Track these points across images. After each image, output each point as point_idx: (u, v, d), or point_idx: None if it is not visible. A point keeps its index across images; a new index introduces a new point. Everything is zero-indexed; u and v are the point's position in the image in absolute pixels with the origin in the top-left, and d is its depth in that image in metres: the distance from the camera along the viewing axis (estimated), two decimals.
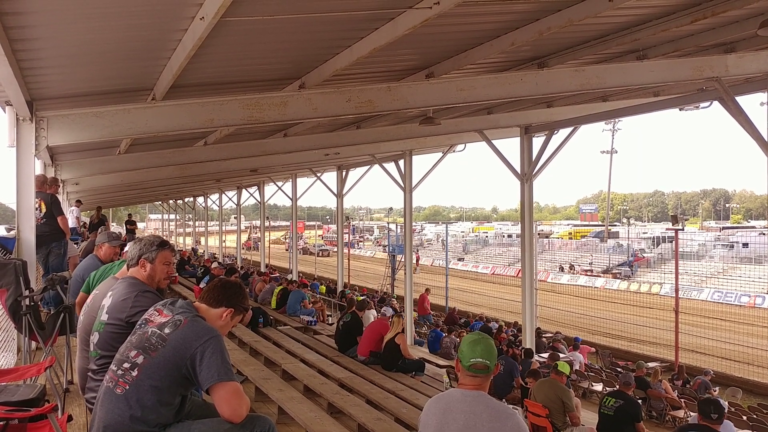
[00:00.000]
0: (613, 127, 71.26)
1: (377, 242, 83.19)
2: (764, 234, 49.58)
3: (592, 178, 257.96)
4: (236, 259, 37.79)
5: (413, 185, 18.89)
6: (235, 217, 47.30)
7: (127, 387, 2.75)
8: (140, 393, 2.73)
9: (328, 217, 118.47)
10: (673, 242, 31.10)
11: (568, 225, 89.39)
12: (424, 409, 3.15)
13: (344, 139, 15.89)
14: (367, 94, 8.38)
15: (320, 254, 59.77)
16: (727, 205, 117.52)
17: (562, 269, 53.38)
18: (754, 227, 69.87)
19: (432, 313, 26.91)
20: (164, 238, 4.14)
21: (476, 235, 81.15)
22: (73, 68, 7.40)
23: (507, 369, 11.29)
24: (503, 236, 74.02)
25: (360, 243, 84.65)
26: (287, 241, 67.70)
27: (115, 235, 5.98)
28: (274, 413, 6.56)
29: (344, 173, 24.33)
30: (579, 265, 53.80)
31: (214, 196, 42.26)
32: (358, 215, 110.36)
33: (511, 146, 15.73)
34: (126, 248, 5.88)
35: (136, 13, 5.73)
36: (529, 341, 14.80)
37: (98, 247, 5.98)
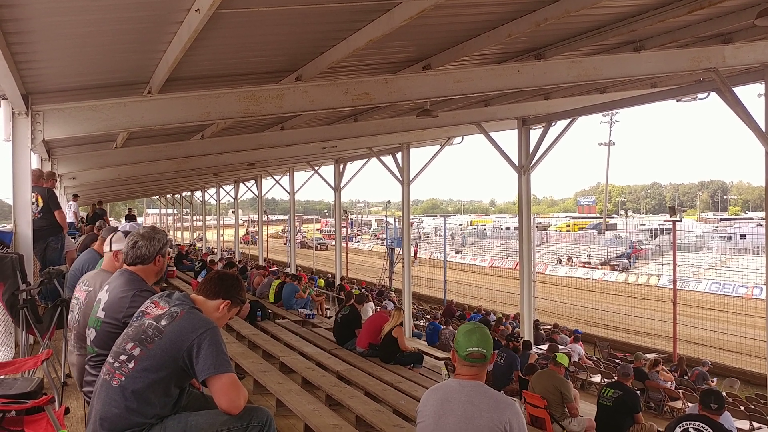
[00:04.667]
0: (611, 118, 71.45)
1: (375, 235, 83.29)
2: (762, 225, 49.55)
3: (590, 170, 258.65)
4: (234, 253, 37.81)
5: (411, 178, 18.86)
6: (232, 212, 47.25)
7: (124, 379, 2.74)
8: (137, 385, 2.72)
9: (326, 211, 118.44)
10: (671, 234, 31.17)
11: (566, 217, 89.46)
12: (421, 400, 3.15)
13: (341, 132, 15.85)
14: (364, 87, 8.35)
15: (318, 248, 59.92)
16: (724, 197, 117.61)
17: (560, 261, 53.51)
18: (751, 218, 69.89)
19: None
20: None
21: (474, 228, 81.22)
22: (69, 61, 7.37)
23: (507, 362, 11.28)
24: (501, 229, 74.17)
25: (358, 236, 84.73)
26: (285, 235, 67.72)
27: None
28: (273, 405, 6.57)
29: (342, 167, 24.29)
30: (577, 257, 53.94)
31: (212, 190, 42.22)
32: (356, 209, 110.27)
33: (508, 138, 15.74)
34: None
35: (132, 6, 5.69)
36: (527, 333, 14.83)
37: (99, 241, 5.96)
